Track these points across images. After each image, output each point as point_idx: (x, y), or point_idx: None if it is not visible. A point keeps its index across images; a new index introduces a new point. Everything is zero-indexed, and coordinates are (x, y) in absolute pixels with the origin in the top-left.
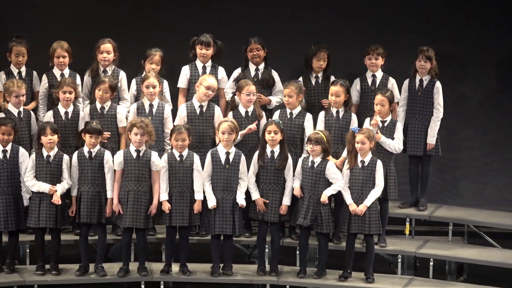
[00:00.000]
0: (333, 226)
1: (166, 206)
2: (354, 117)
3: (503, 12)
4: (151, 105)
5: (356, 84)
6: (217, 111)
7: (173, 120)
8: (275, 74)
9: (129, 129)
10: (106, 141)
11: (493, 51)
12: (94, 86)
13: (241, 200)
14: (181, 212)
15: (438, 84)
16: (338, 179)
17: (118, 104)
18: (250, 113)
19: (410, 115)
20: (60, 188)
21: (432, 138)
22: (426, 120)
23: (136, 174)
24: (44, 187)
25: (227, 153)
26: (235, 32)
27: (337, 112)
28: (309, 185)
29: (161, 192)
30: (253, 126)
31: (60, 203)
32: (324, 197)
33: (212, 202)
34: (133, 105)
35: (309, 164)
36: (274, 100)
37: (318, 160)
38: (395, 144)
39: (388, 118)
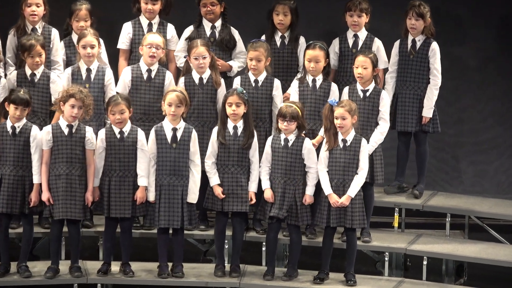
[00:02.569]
0: (310, 218)
1: (96, 194)
2: (334, 87)
3: None
4: (88, 70)
5: (334, 46)
6: (169, 77)
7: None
8: (235, 33)
9: (63, 99)
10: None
11: (494, 7)
12: (20, 48)
13: (191, 197)
14: (122, 201)
15: (434, 45)
16: (314, 162)
17: (50, 69)
18: (205, 81)
19: (400, 83)
20: None
21: (429, 110)
22: (420, 89)
23: (68, 154)
24: None
25: (174, 130)
26: None
27: (314, 81)
28: (283, 168)
29: (95, 176)
30: None
31: None
32: (310, 199)
33: (151, 197)
34: (67, 69)
35: (282, 142)
36: (236, 65)
37: (292, 137)
38: (381, 132)
39: (371, 87)
